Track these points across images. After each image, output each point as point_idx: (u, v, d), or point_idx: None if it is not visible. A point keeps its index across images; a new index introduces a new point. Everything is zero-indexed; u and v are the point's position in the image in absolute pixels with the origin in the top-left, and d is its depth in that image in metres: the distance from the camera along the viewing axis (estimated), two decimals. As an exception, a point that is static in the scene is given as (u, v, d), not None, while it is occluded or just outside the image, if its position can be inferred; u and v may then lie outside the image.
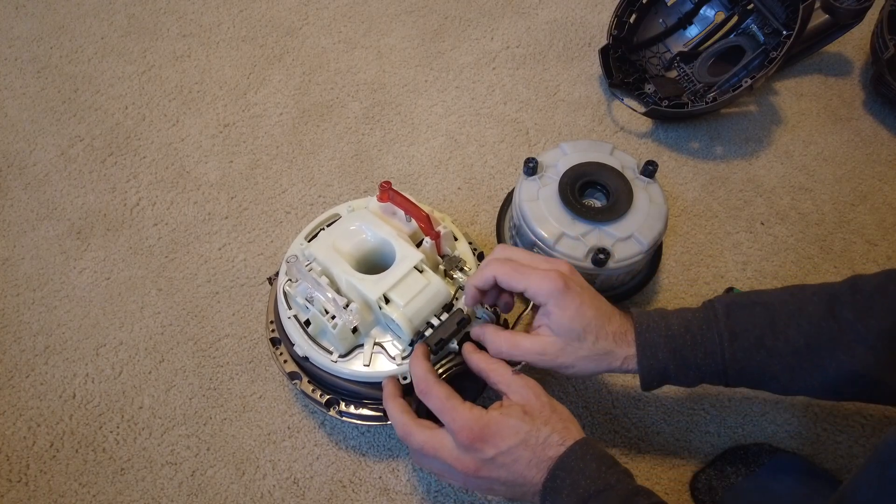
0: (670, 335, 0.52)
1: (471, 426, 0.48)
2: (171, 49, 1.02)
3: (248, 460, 0.67)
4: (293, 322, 0.62)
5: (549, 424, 0.48)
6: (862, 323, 0.48)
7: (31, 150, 0.91)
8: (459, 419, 0.49)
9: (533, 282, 0.52)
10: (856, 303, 0.49)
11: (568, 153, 0.75)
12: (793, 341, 0.50)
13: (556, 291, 0.51)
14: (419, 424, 0.52)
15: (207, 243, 0.82)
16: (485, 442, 0.48)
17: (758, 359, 0.51)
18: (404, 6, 1.08)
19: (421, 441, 0.51)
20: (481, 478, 0.49)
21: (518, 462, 0.48)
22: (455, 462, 0.49)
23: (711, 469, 0.65)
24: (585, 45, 1.03)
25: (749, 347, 0.51)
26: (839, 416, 0.69)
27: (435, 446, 0.50)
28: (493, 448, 0.48)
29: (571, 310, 0.51)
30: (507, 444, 0.48)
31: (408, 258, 0.60)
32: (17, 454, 0.68)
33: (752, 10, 0.90)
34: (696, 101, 0.87)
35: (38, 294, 0.78)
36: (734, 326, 0.51)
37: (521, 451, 0.48)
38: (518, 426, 0.48)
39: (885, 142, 0.92)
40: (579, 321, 0.51)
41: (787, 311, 0.51)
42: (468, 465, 0.49)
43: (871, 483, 0.41)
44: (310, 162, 0.90)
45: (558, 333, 0.52)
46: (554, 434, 0.48)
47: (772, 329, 0.50)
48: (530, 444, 0.48)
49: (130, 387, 0.72)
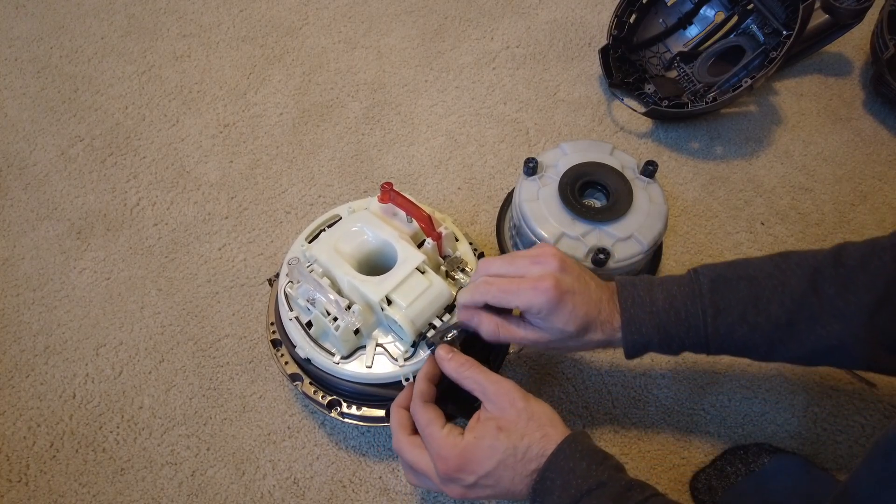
0: (655, 311, 0.52)
1: (446, 457, 0.48)
2: (171, 49, 1.02)
3: (248, 460, 0.67)
4: (295, 324, 0.62)
5: (527, 437, 0.47)
6: (842, 298, 0.49)
7: (31, 150, 0.91)
8: (435, 448, 0.48)
9: (524, 298, 0.51)
10: (838, 277, 0.50)
11: (568, 153, 0.75)
12: (774, 317, 0.51)
13: (550, 304, 0.50)
14: (412, 443, 0.51)
15: (207, 243, 0.82)
16: (462, 471, 0.47)
17: (739, 333, 0.51)
18: (404, 6, 1.08)
19: (410, 460, 0.51)
20: (470, 497, 0.49)
21: (501, 481, 0.47)
22: (442, 486, 0.49)
23: (711, 469, 0.65)
24: (585, 45, 1.03)
25: (732, 323, 0.51)
26: (839, 416, 0.69)
27: (423, 468, 0.50)
28: (472, 475, 0.47)
29: (563, 317, 0.51)
30: (485, 468, 0.47)
31: (410, 259, 0.60)
32: (17, 454, 0.68)
33: (752, 10, 0.90)
34: (696, 101, 0.87)
35: (38, 294, 0.78)
36: (718, 302, 0.51)
37: (501, 472, 0.47)
38: (494, 447, 0.47)
39: (885, 142, 0.92)
40: (572, 324, 0.51)
41: (771, 285, 0.51)
42: (454, 491, 0.49)
43: (873, 476, 0.41)
44: (310, 162, 0.90)
45: (552, 334, 0.52)
46: (533, 446, 0.47)
47: (755, 305, 0.51)
48: (509, 464, 0.47)
49: (130, 387, 0.72)
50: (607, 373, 0.72)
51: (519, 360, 0.73)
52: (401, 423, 0.53)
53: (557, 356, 0.73)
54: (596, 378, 0.72)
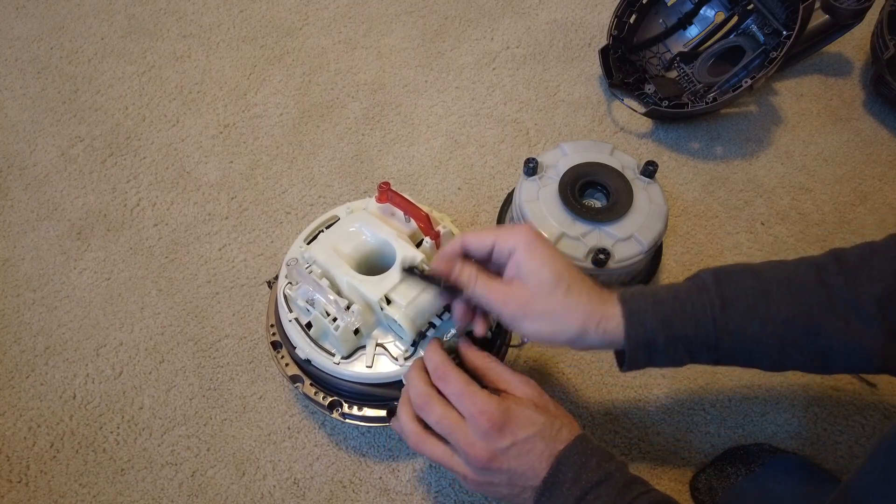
0: (658, 300, 0.49)
1: (492, 412, 0.47)
2: (171, 49, 1.02)
3: (249, 461, 0.67)
4: (294, 325, 0.62)
5: (558, 419, 0.49)
6: (852, 290, 0.47)
7: (32, 150, 0.91)
8: (480, 403, 0.48)
9: (501, 235, 0.51)
10: (843, 271, 0.48)
11: (568, 153, 0.75)
12: (785, 310, 0.48)
13: (525, 239, 0.50)
14: (442, 403, 0.50)
15: (207, 244, 0.82)
16: (504, 429, 0.47)
17: (750, 329, 0.49)
18: (404, 6, 1.08)
19: (439, 415, 0.49)
20: (489, 469, 0.48)
21: (531, 453, 0.47)
22: (468, 447, 0.48)
23: (711, 469, 0.65)
24: (585, 45, 1.03)
25: (742, 315, 0.48)
26: (839, 416, 0.69)
27: (451, 425, 0.49)
28: (510, 436, 0.47)
29: (540, 256, 0.49)
30: (525, 433, 0.47)
31: (408, 258, 0.60)
32: (18, 455, 0.68)
33: (752, 10, 0.90)
34: (696, 102, 0.87)
35: (38, 294, 0.78)
36: (726, 293, 0.49)
37: (536, 442, 0.47)
38: (535, 417, 0.48)
39: (885, 142, 0.92)
40: (550, 267, 0.49)
41: (777, 279, 0.50)
42: (480, 454, 0.47)
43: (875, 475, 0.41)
44: (310, 162, 0.90)
45: (527, 280, 0.50)
46: (564, 428, 0.49)
47: (764, 297, 0.49)
48: (545, 436, 0.48)
49: (131, 387, 0.72)
50: (607, 373, 0.72)
51: (519, 361, 0.73)
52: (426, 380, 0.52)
53: (557, 356, 0.73)
54: (596, 378, 0.72)
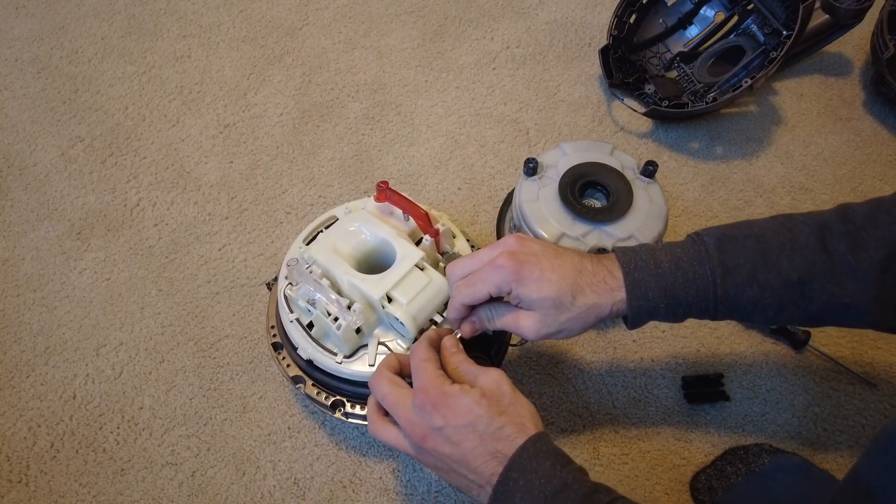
0: (660, 273, 0.50)
1: (429, 389, 0.47)
2: (171, 49, 1.02)
3: (249, 461, 0.67)
4: (296, 325, 0.62)
5: (505, 415, 0.46)
6: (854, 255, 0.48)
7: (32, 150, 0.91)
8: (423, 379, 0.48)
9: (488, 282, 0.50)
10: (847, 233, 0.48)
11: (568, 153, 0.75)
12: (785, 275, 0.49)
13: (510, 276, 0.50)
14: (391, 380, 0.51)
15: (208, 244, 0.82)
16: (436, 409, 0.47)
17: (749, 294, 0.49)
18: (404, 6, 1.08)
19: (385, 392, 0.50)
20: (425, 449, 0.48)
21: (464, 444, 0.46)
22: (407, 424, 0.48)
23: (711, 469, 0.65)
24: (585, 45, 1.03)
25: (741, 283, 0.49)
26: (839, 416, 0.69)
27: (395, 401, 0.49)
28: (441, 418, 0.46)
29: (535, 285, 0.49)
30: (457, 421, 0.46)
31: (408, 257, 0.60)
32: (18, 455, 0.68)
33: (752, 10, 0.90)
34: (696, 101, 0.87)
35: (38, 294, 0.78)
36: (726, 261, 0.49)
37: (467, 434, 0.46)
38: (471, 407, 0.46)
39: (885, 142, 0.92)
40: (548, 289, 0.49)
41: (779, 242, 0.50)
42: (417, 430, 0.48)
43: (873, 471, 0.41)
44: (310, 162, 0.90)
45: (535, 308, 0.50)
46: (508, 426, 0.46)
47: (764, 263, 0.49)
48: (478, 431, 0.46)
49: (131, 387, 0.72)
50: (607, 373, 0.72)
51: (519, 360, 0.73)
52: (388, 364, 0.53)
53: (557, 356, 0.73)
54: (596, 378, 0.72)
